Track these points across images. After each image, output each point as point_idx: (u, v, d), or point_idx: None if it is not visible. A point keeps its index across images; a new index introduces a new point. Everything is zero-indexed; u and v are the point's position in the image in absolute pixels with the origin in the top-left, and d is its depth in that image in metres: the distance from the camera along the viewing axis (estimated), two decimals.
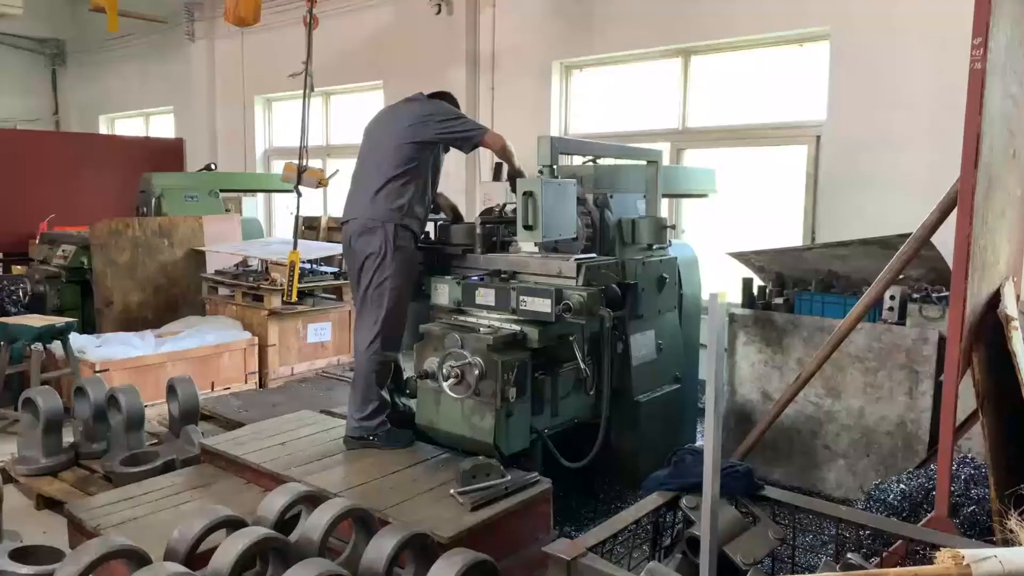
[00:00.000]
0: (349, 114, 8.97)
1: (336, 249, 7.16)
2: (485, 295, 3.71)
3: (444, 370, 3.48)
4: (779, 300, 4.65)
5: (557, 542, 1.96)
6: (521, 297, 3.56)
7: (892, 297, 4.24)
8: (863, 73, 5.09)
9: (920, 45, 4.87)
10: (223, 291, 6.88)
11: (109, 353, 5.55)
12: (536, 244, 4.14)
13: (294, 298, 5.49)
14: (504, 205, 4.23)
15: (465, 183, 7.31)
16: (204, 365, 5.96)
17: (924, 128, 4.90)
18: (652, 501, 2.26)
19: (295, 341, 6.57)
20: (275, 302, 6.33)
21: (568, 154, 3.85)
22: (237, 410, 5.38)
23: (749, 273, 5.05)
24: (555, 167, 3.45)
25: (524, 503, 3.24)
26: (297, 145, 5.99)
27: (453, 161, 7.40)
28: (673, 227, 4.33)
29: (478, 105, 7.22)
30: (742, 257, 4.98)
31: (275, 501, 2.80)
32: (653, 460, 4.55)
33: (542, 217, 3.27)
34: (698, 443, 5.18)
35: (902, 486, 2.82)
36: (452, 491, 3.26)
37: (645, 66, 6.39)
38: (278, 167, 9.79)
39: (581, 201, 4.15)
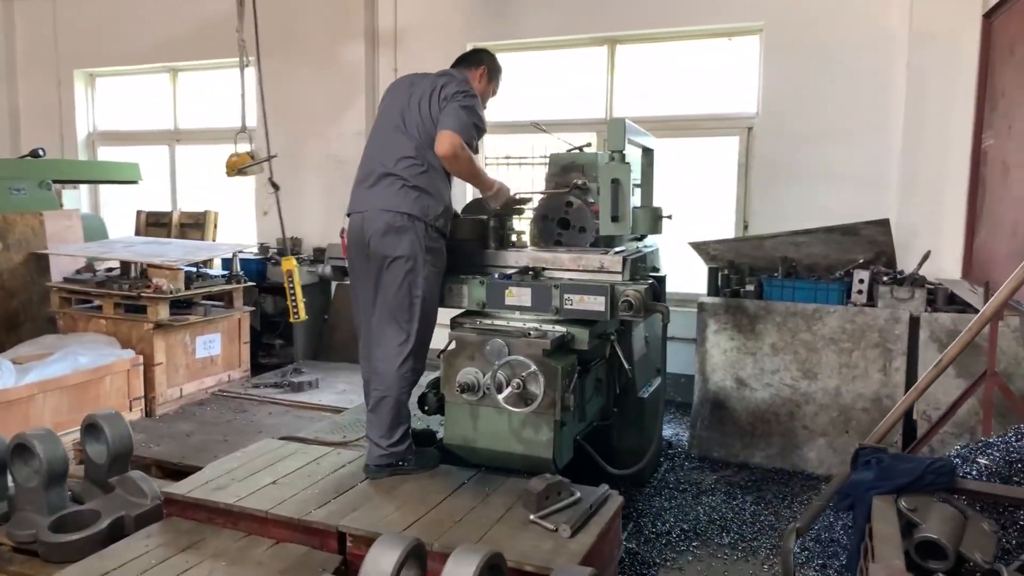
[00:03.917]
0: (205, 95, 7.86)
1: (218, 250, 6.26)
2: (518, 295, 3.35)
3: (498, 381, 3.08)
4: (750, 287, 4.74)
5: (879, 567, 1.74)
6: (566, 295, 3.25)
7: (861, 281, 4.49)
8: (796, 67, 5.35)
9: (852, 41, 5.20)
10: (78, 303, 5.71)
11: None
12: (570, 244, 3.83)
13: (303, 316, 4.66)
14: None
15: None
16: (81, 394, 4.89)
17: (854, 122, 5.26)
18: (882, 508, 2.11)
19: (183, 357, 5.61)
20: (162, 313, 5.35)
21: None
22: (146, 446, 4.47)
23: (700, 262, 5.13)
24: (624, 152, 3.17)
25: (609, 520, 2.96)
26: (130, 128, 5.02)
27: (351, 147, 6.76)
28: (670, 217, 4.22)
29: (378, 87, 6.63)
30: (701, 246, 5.02)
31: (382, 560, 2.27)
32: (653, 456, 4.48)
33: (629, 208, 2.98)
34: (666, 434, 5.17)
35: (984, 460, 2.94)
36: (532, 516, 2.89)
37: (569, 53, 6.24)
38: (106, 154, 8.40)
39: (586, 191, 3.93)
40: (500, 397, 3.08)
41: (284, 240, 6.28)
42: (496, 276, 3.47)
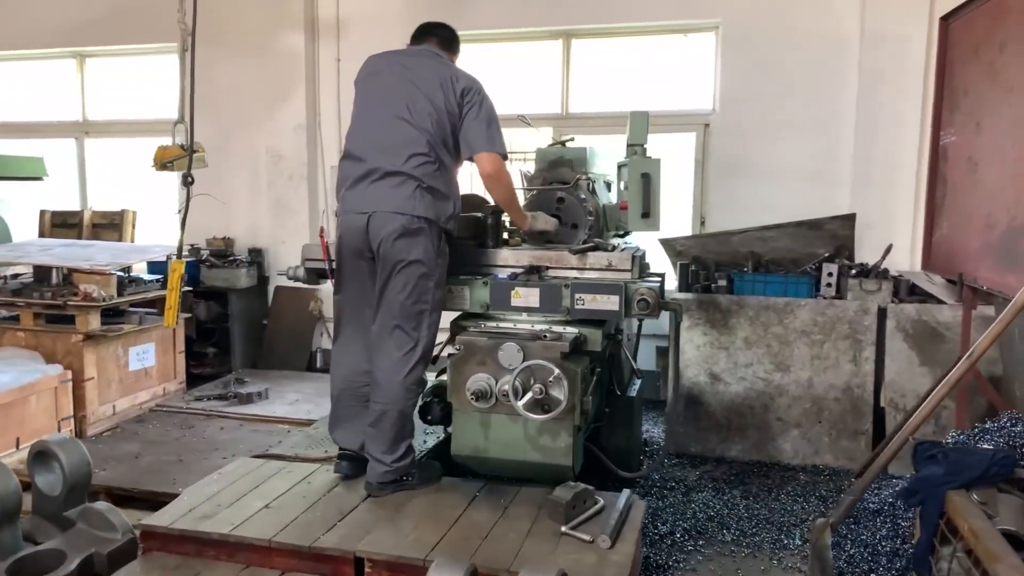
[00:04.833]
0: (119, 84, 7.21)
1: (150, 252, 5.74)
2: (526, 296, 3.21)
3: (515, 387, 2.93)
4: (721, 283, 4.77)
5: (1004, 567, 1.71)
6: (578, 295, 3.13)
7: (830, 274, 4.60)
8: (752, 65, 5.43)
9: (806, 40, 5.32)
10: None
11: None
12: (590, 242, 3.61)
13: (171, 322, 4.22)
14: None
15: (307, 168, 6.33)
16: (4, 416, 4.36)
17: (809, 119, 5.39)
18: (963, 503, 2.10)
19: (116, 371, 5.12)
20: (93, 323, 4.86)
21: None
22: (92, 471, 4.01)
23: (659, 258, 5.13)
24: (646, 146, 3.06)
25: (640, 527, 2.87)
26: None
27: (291, 142, 6.37)
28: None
29: (319, 78, 6.28)
30: (668, 242, 5.02)
31: None
32: (640, 457, 4.43)
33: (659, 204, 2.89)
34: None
35: (987, 447, 3.03)
36: (564, 528, 2.76)
37: (523, 47, 6.10)
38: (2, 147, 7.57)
39: (577, 186, 3.82)
40: (519, 404, 2.93)
41: (182, 240, 5.66)
42: (505, 276, 3.31)
